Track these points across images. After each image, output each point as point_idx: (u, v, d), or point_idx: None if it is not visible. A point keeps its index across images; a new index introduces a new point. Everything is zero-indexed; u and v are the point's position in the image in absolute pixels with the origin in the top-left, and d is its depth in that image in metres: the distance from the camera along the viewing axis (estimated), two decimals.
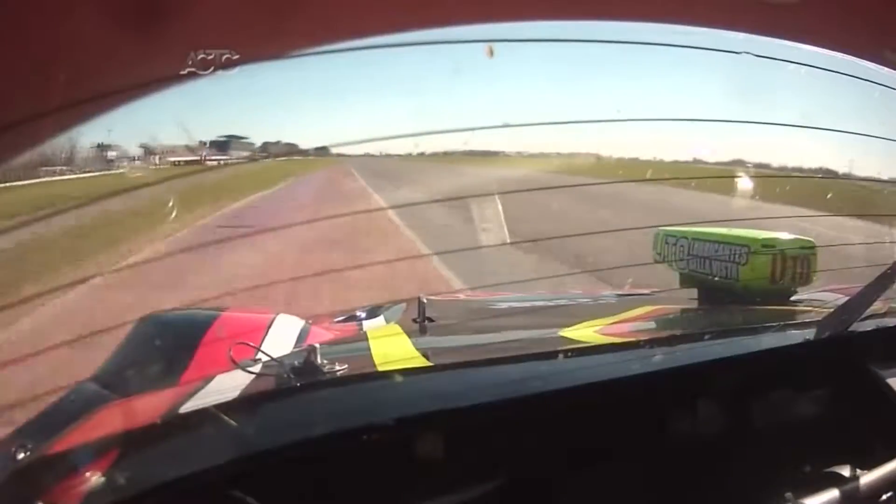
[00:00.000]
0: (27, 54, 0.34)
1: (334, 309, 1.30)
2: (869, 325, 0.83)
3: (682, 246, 1.18)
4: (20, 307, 0.54)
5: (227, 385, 0.70)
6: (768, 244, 1.07)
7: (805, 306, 1.10)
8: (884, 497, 0.59)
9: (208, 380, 0.74)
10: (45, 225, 0.55)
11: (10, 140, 0.37)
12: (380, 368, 0.75)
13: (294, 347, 0.91)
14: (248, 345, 0.76)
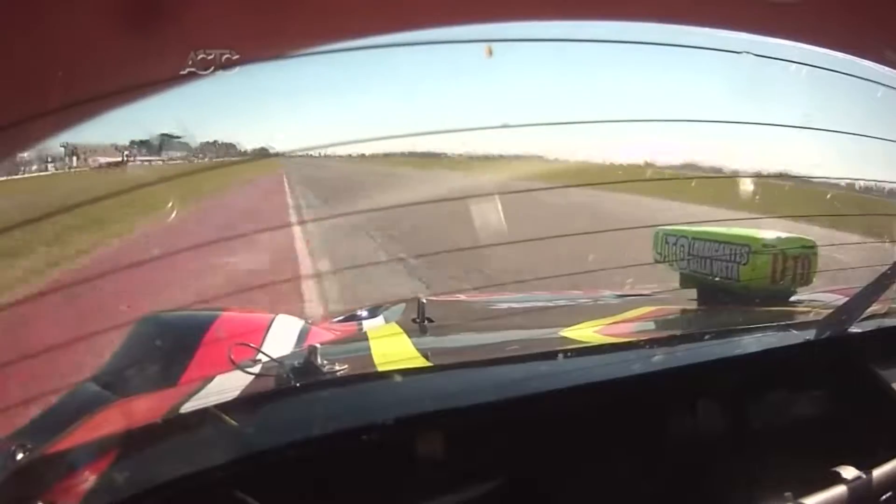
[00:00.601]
0: (27, 54, 0.34)
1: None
2: (869, 325, 0.83)
3: (682, 245, 1.18)
4: None
5: (228, 385, 0.70)
6: (769, 244, 1.07)
7: (805, 306, 1.10)
8: (884, 497, 0.58)
9: (208, 380, 0.74)
10: None
11: (10, 140, 0.37)
12: (380, 369, 0.75)
13: (294, 347, 0.91)
14: (248, 345, 0.76)
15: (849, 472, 0.59)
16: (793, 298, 1.12)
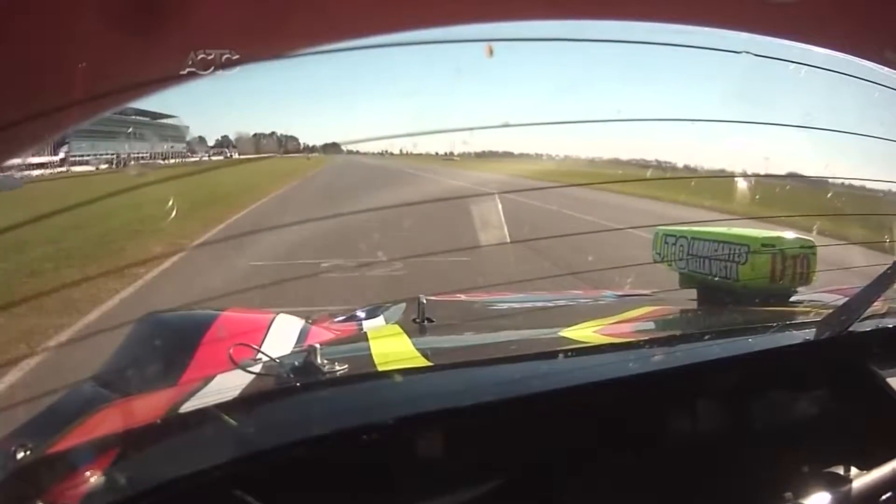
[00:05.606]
0: (27, 54, 0.34)
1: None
2: (869, 325, 0.83)
3: (681, 245, 1.18)
4: None
5: (228, 385, 0.70)
6: (768, 243, 1.07)
7: (805, 306, 1.10)
8: (884, 497, 0.58)
9: (209, 380, 0.74)
10: None
11: (11, 140, 0.37)
12: (380, 368, 0.75)
13: (294, 347, 0.91)
14: (248, 346, 0.76)
15: (849, 472, 0.59)
16: (793, 298, 1.12)
